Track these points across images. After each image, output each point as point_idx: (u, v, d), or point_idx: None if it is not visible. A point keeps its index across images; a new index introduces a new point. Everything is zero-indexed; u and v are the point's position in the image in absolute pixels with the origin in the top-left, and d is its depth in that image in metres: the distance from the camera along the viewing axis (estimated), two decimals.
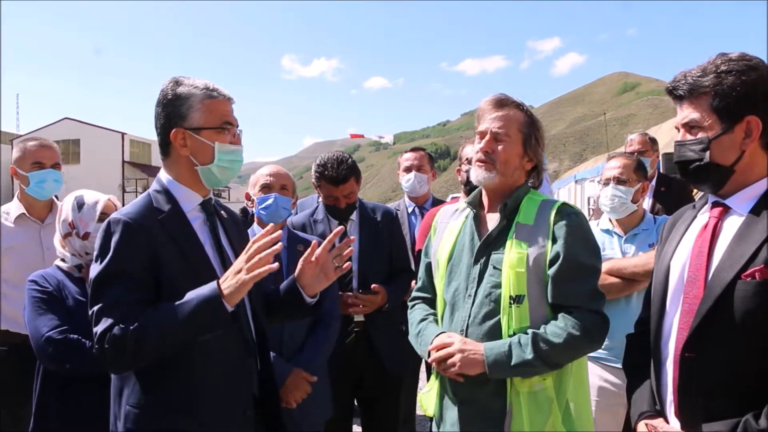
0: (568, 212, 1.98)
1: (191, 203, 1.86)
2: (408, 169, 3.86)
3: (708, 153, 1.55)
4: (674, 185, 4.17)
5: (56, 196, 3.18)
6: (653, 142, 4.34)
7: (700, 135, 1.57)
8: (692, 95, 1.57)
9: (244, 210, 4.74)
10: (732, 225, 1.55)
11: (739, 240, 1.50)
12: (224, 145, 1.84)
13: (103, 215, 2.32)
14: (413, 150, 3.94)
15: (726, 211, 1.59)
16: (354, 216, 3.12)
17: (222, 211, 1.98)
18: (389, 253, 3.15)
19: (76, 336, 2.14)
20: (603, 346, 2.13)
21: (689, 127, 1.59)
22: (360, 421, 3.28)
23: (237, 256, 1.78)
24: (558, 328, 1.86)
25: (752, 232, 1.49)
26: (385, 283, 3.04)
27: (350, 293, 2.98)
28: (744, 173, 1.56)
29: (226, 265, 1.82)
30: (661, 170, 5.03)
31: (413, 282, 2.83)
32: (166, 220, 1.77)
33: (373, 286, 2.99)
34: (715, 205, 1.62)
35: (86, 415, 2.11)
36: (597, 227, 2.96)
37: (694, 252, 1.59)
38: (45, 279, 2.27)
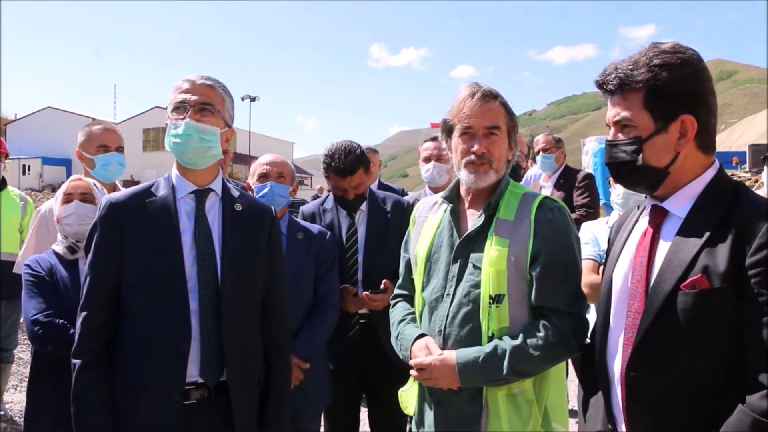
0: (550, 206, 1.90)
1: (183, 190, 1.94)
2: (427, 159, 3.73)
3: (641, 155, 1.41)
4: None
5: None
6: (558, 141, 5.02)
7: (632, 134, 1.43)
8: (623, 91, 1.43)
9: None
10: (671, 230, 1.42)
11: (677, 247, 1.36)
12: (171, 123, 1.91)
13: (68, 196, 2.42)
14: (432, 139, 3.79)
15: (665, 215, 1.45)
16: (363, 206, 3.06)
17: (238, 204, 2.00)
18: (398, 245, 3.07)
19: (61, 321, 2.20)
20: None
21: (621, 125, 1.45)
22: (368, 411, 3.25)
23: (235, 246, 1.92)
24: (539, 340, 1.78)
25: (690, 237, 1.35)
26: (391, 275, 2.95)
27: (362, 293, 2.92)
28: (679, 174, 1.42)
29: (199, 251, 1.89)
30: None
31: None
32: (152, 203, 1.88)
33: (384, 281, 2.90)
34: (653, 209, 1.48)
35: None
36: (606, 225, 2.76)
37: (635, 262, 1.46)
38: (38, 263, 2.33)
